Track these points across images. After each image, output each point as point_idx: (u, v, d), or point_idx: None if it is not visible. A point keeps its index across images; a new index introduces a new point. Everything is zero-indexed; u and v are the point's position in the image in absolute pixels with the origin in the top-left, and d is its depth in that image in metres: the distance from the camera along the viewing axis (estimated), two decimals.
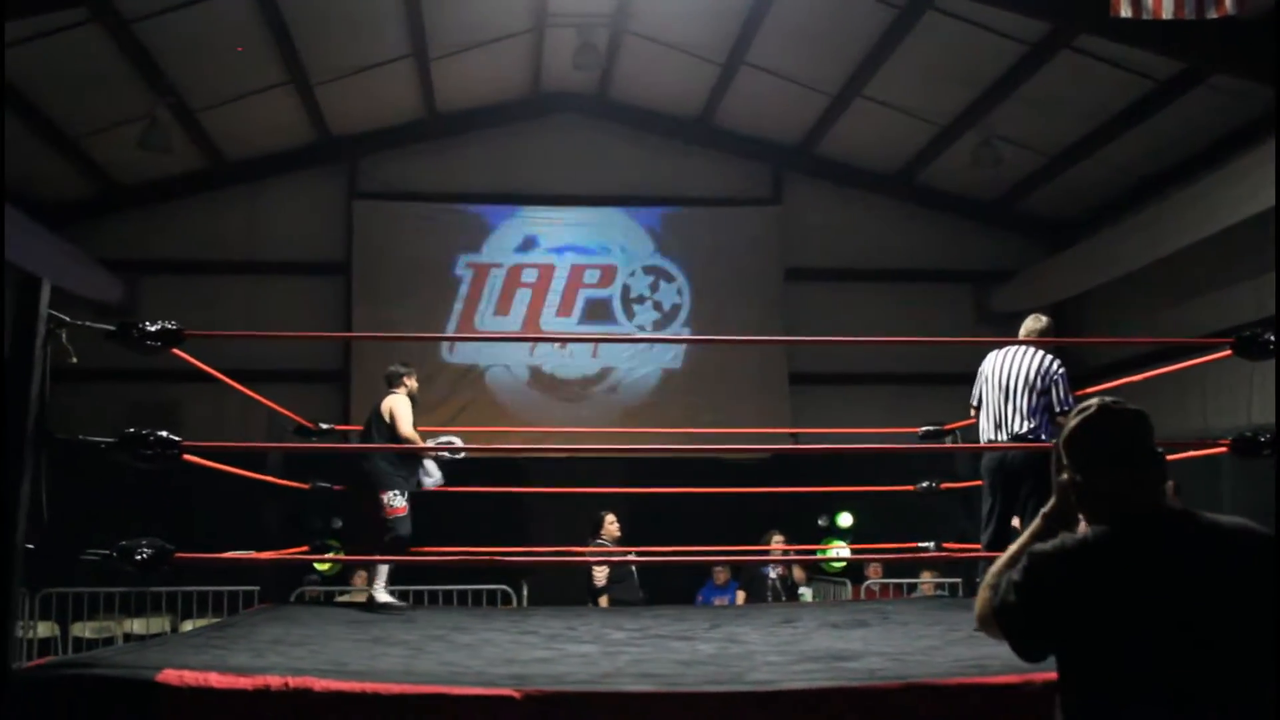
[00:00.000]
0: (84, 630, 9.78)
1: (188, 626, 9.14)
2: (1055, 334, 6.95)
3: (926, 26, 10.84)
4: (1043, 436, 6.38)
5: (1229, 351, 5.51)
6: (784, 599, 10.96)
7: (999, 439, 6.53)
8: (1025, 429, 6.46)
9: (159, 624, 9.88)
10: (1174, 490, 7.63)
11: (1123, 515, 2.54)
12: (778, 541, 11.24)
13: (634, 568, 10.29)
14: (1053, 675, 4.21)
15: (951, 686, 4.16)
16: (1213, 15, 7.10)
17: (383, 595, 7.92)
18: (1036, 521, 2.76)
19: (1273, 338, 5.31)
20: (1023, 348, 6.70)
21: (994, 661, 4.77)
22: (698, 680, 4.42)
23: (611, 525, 10.30)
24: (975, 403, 6.82)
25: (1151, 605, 2.42)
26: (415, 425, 8.29)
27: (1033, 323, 6.85)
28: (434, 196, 14.53)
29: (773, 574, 11.23)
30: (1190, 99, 10.81)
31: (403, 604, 8.10)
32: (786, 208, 14.86)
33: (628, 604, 9.57)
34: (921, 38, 11.03)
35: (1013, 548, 2.75)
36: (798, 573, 11.59)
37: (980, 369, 6.82)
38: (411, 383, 8.46)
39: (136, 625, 9.93)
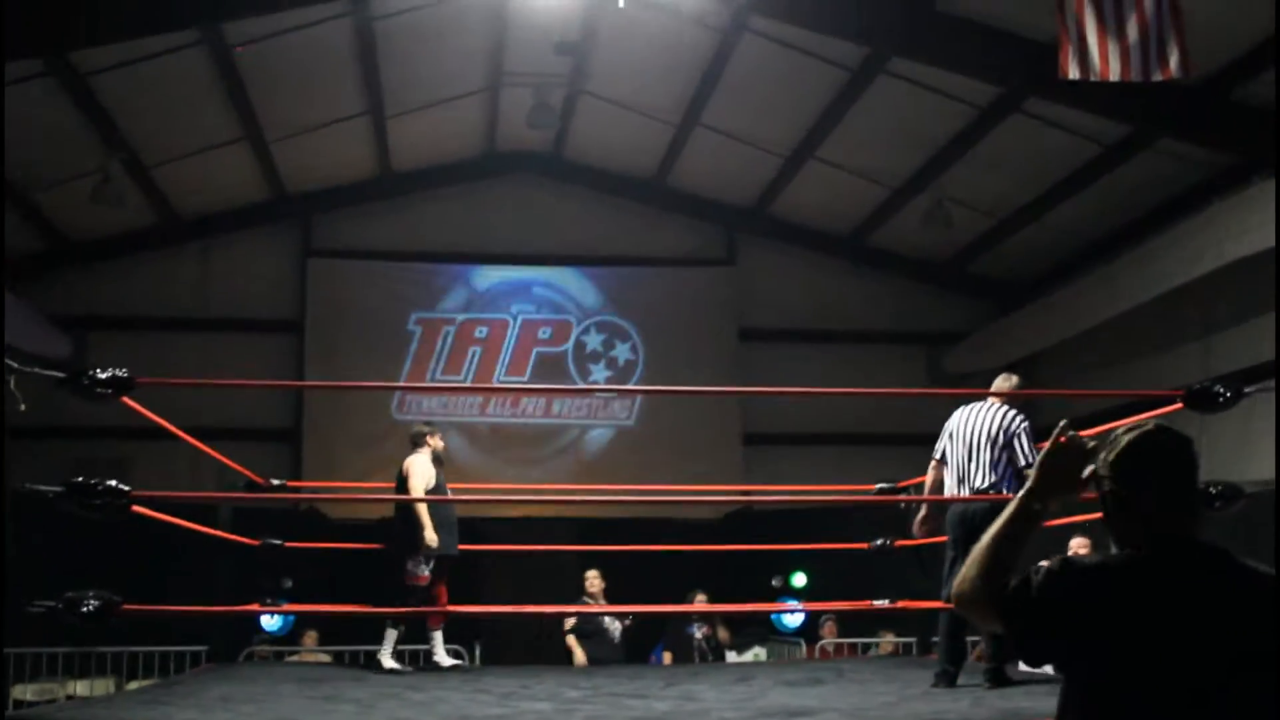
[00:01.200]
0: (25, 693, 9.54)
1: (133, 688, 8.93)
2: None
3: (879, 90, 10.97)
4: (1004, 491, 6.41)
5: (1179, 405, 5.56)
6: (710, 659, 10.90)
7: (962, 493, 6.58)
8: (987, 483, 6.53)
9: (103, 686, 9.65)
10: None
11: (1158, 539, 2.48)
12: (700, 601, 11.23)
13: (614, 627, 10.27)
14: None
15: None
16: (1158, 78, 7.21)
17: (389, 662, 7.90)
18: (1015, 503, 2.55)
19: (1225, 391, 5.36)
20: (987, 405, 6.78)
21: (952, 715, 4.76)
22: None
23: (590, 584, 10.37)
24: (938, 456, 6.88)
25: (1181, 636, 2.36)
26: (446, 485, 8.37)
27: (1002, 381, 6.96)
28: (389, 255, 14.51)
29: (698, 634, 11.16)
30: (1137, 163, 10.99)
31: (407, 669, 8.06)
32: (740, 269, 14.94)
33: (601, 661, 9.59)
34: (874, 101, 11.16)
35: (996, 526, 2.54)
36: (722, 633, 11.53)
37: (946, 424, 6.88)
38: (435, 441, 8.39)
39: (80, 687, 9.70)
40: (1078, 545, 8.15)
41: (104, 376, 4.80)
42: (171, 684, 6.67)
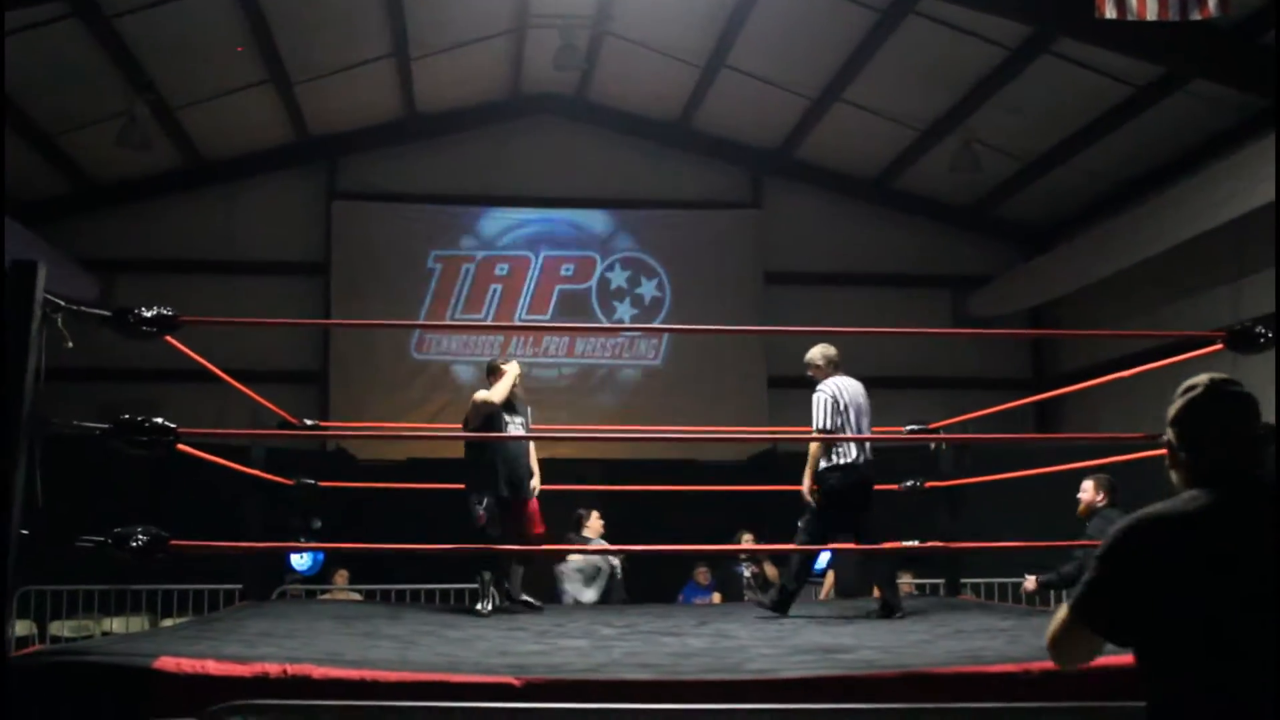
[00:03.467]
0: (62, 629, 9.68)
1: (168, 625, 9.03)
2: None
3: (907, 30, 10.90)
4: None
5: (1220, 346, 5.56)
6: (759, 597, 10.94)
7: (861, 460, 7.26)
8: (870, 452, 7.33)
9: (138, 623, 9.76)
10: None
11: (1227, 477, 2.56)
12: (748, 540, 11.24)
13: (617, 570, 10.30)
14: (1049, 665, 4.24)
15: (949, 675, 4.18)
16: (1196, 16, 7.14)
17: (480, 606, 7.54)
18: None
19: (1266, 332, 5.36)
20: (847, 378, 7.49)
21: (988, 653, 4.81)
22: (695, 670, 4.42)
23: (596, 521, 10.30)
24: (831, 426, 7.22)
25: (1248, 570, 2.43)
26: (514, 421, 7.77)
27: (822, 351, 7.64)
28: (414, 197, 14.49)
29: (747, 573, 11.22)
30: (1168, 105, 10.91)
31: (486, 610, 7.48)
32: (766, 211, 14.90)
33: (604, 601, 9.62)
34: (902, 42, 11.09)
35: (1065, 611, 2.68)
36: (770, 570, 11.57)
37: (831, 400, 7.33)
38: (505, 368, 7.84)
39: (115, 624, 9.83)
40: (1086, 487, 8.23)
41: (149, 315, 4.82)
42: (210, 620, 6.74)
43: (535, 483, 7.87)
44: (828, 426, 7.17)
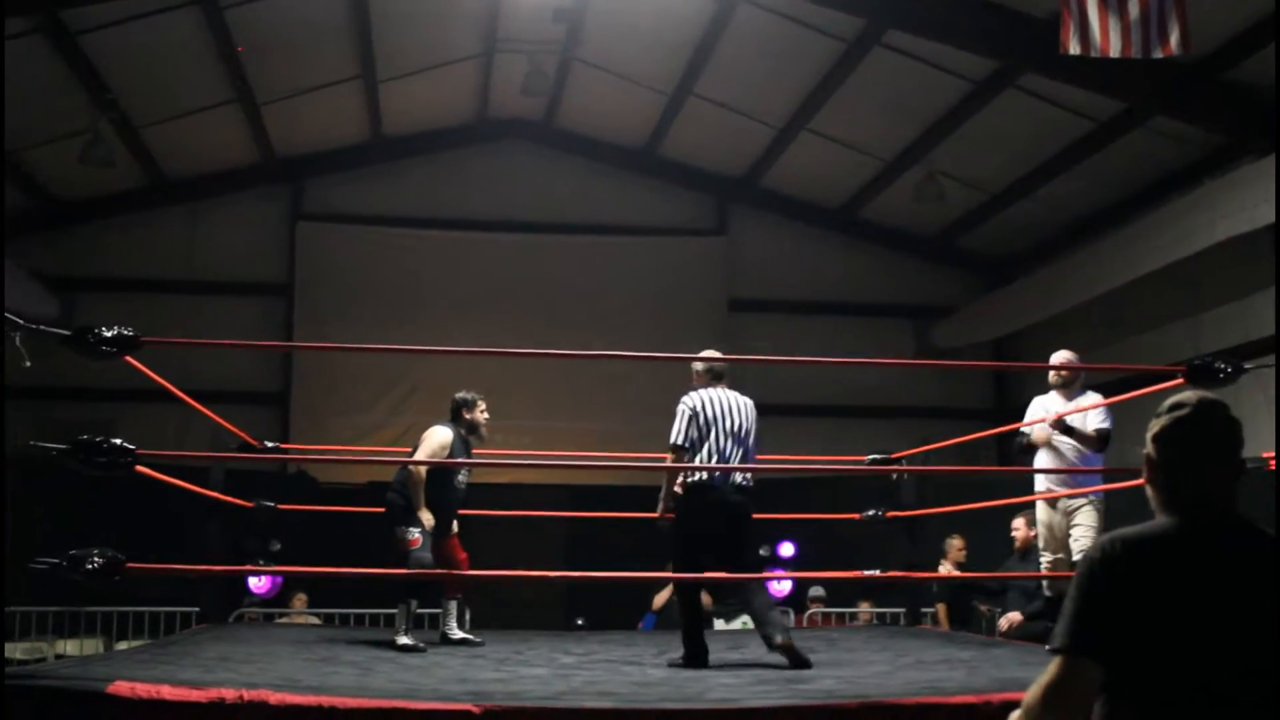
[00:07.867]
0: (14, 651, 9.53)
1: (123, 648, 8.92)
2: None
3: (873, 62, 10.96)
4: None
5: (1180, 380, 5.60)
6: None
7: (728, 484, 6.26)
8: (746, 479, 6.33)
9: (93, 646, 9.63)
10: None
11: (1195, 512, 2.51)
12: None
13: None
14: (1011, 695, 4.24)
15: (909, 705, 4.18)
16: (1158, 55, 7.22)
17: (402, 638, 6.77)
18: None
19: (1226, 366, 5.41)
20: (731, 392, 6.54)
21: (948, 683, 4.81)
22: (656, 699, 4.40)
23: (959, 552, 10.05)
24: (686, 444, 6.29)
25: (1214, 606, 2.40)
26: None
27: (703, 364, 6.63)
28: (379, 220, 14.44)
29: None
30: (1129, 140, 11.01)
31: (422, 646, 6.76)
32: (731, 239, 14.94)
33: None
34: (868, 73, 11.15)
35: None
36: (705, 599, 11.53)
37: (690, 411, 6.40)
38: (472, 415, 7.42)
39: (69, 646, 9.69)
40: (1018, 525, 8.34)
41: (109, 334, 4.78)
42: (167, 644, 6.67)
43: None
44: (679, 441, 6.28)
